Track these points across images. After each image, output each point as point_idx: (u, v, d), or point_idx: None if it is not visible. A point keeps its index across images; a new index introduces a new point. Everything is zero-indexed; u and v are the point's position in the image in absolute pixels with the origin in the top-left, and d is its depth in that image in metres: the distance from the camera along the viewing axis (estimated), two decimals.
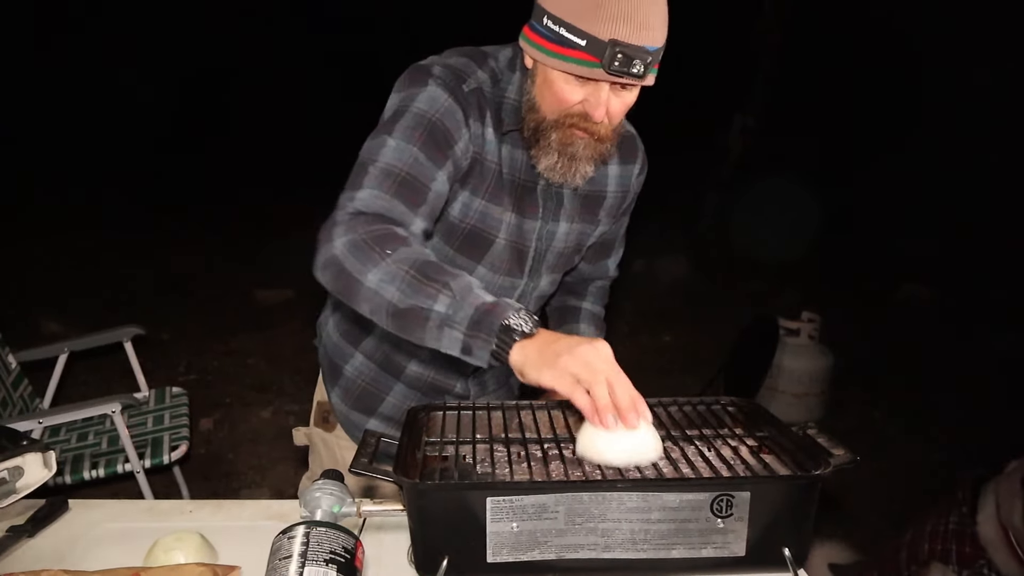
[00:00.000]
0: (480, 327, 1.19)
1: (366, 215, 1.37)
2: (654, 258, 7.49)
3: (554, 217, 1.68)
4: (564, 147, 1.49)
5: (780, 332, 4.68)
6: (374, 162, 1.43)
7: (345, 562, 1.10)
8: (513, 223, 1.64)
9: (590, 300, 2.04)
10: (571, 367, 1.14)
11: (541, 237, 1.69)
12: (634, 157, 1.79)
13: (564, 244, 1.73)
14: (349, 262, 1.29)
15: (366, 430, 1.38)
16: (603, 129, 1.47)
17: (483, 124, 1.54)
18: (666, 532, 1.18)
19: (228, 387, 4.89)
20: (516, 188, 1.62)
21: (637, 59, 1.34)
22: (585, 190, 1.70)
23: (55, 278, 6.59)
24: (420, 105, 1.47)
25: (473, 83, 1.53)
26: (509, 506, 1.14)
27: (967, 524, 2.19)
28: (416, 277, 1.24)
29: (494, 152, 1.57)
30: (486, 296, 1.23)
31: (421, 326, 1.24)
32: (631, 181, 1.80)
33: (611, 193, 1.77)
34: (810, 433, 1.33)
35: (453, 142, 1.48)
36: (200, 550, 1.33)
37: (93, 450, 3.05)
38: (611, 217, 1.82)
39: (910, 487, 4.06)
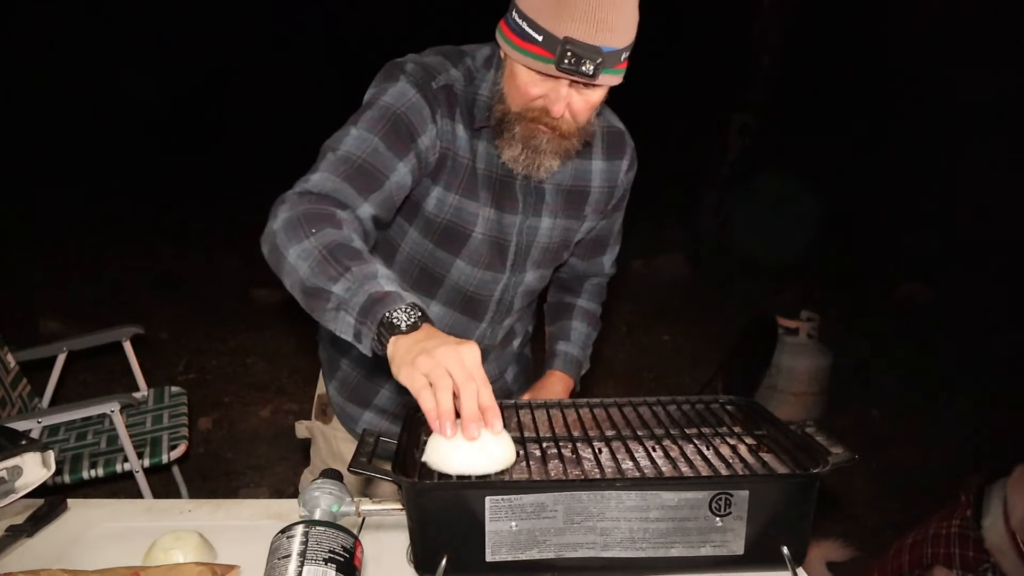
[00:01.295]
0: (368, 315, 1.19)
1: (311, 195, 1.39)
2: (653, 257, 7.49)
3: (535, 212, 1.69)
4: (527, 140, 1.51)
5: (779, 331, 4.68)
6: (334, 150, 1.46)
7: (344, 561, 1.10)
8: (491, 217, 1.65)
9: (585, 297, 2.05)
10: (424, 367, 1.11)
11: (522, 232, 1.70)
12: (622, 153, 1.79)
13: (548, 239, 1.74)
14: (280, 237, 1.32)
15: (364, 429, 1.38)
16: (565, 125, 1.49)
17: (453, 120, 1.57)
18: (665, 531, 1.18)
19: (227, 386, 4.88)
20: (493, 183, 1.63)
21: (587, 59, 1.35)
22: (568, 185, 1.72)
23: (54, 277, 6.58)
24: (387, 99, 1.51)
25: (443, 80, 1.55)
26: (508, 505, 1.14)
27: (971, 528, 2.18)
28: (326, 257, 1.25)
29: (465, 148, 1.59)
30: (385, 286, 1.21)
31: (322, 307, 1.25)
32: (619, 177, 1.80)
33: (596, 188, 1.77)
34: (808, 432, 1.33)
35: (417, 136, 1.51)
36: (199, 549, 1.33)
37: (92, 449, 3.05)
38: (598, 213, 1.82)
39: (908, 486, 4.07)
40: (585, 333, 2.00)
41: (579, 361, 1.96)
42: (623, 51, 1.39)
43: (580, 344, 1.98)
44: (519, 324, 1.93)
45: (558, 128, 1.49)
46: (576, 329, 1.98)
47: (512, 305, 1.81)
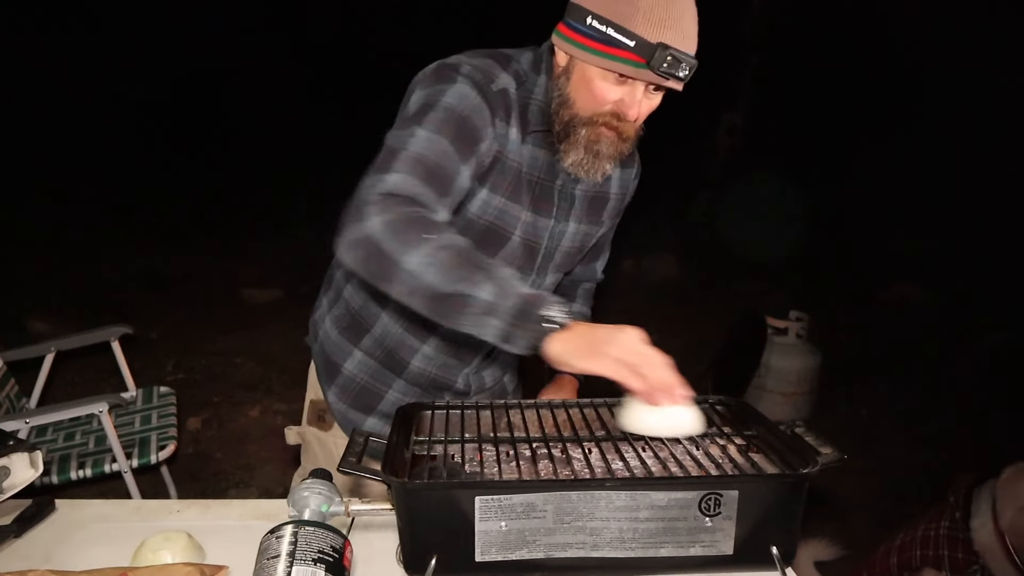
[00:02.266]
0: (524, 317, 1.21)
1: (398, 197, 1.35)
2: (642, 257, 7.50)
3: (565, 217, 1.73)
4: (591, 144, 1.54)
5: (768, 331, 4.69)
6: (404, 149, 1.41)
7: (333, 561, 1.10)
8: (528, 221, 1.67)
9: (579, 303, 2.07)
10: (616, 353, 1.19)
11: (553, 236, 1.73)
12: (631, 161, 1.83)
13: (572, 243, 1.78)
14: (387, 243, 1.27)
15: (354, 429, 1.38)
16: (630, 129, 1.54)
17: (508, 124, 1.57)
18: (654, 531, 1.18)
19: (216, 387, 4.87)
20: (534, 187, 1.65)
21: (684, 62, 1.42)
22: (593, 191, 1.75)
23: (42, 277, 6.56)
24: (449, 100, 1.48)
25: (500, 84, 1.55)
26: (497, 505, 1.14)
27: (960, 529, 2.18)
28: (460, 263, 1.25)
29: (516, 151, 1.60)
30: (525, 287, 1.25)
31: (460, 311, 1.24)
32: (629, 184, 1.85)
33: (614, 195, 1.82)
34: (798, 432, 1.33)
35: (480, 139, 1.50)
36: (188, 550, 1.33)
37: (80, 450, 3.04)
38: (612, 218, 1.87)
39: (897, 485, 4.08)
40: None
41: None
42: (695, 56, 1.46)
43: None
44: None
45: (623, 132, 1.54)
46: None
47: None
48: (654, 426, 1.29)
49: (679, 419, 1.28)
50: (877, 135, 9.38)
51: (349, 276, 1.82)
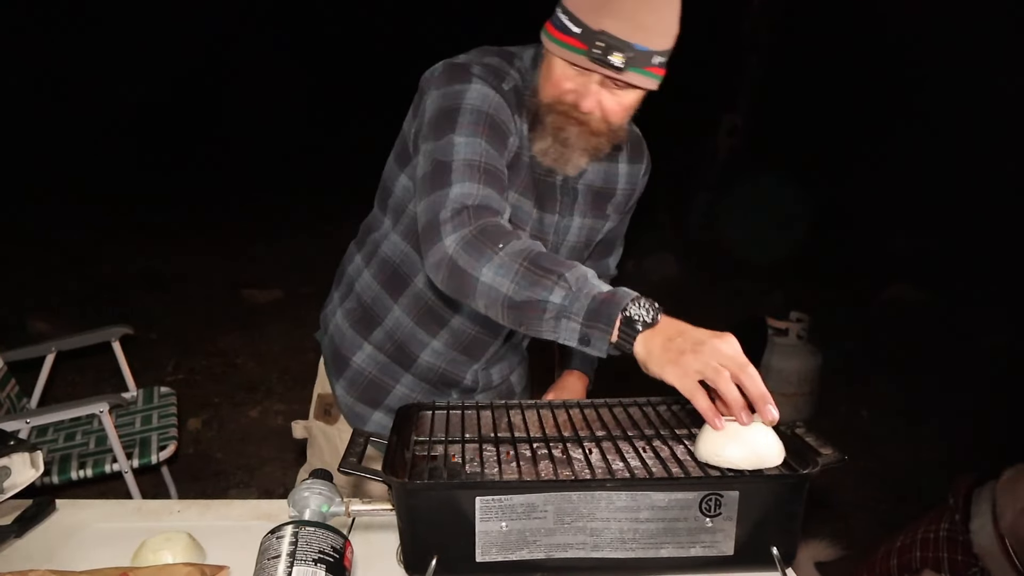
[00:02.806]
0: (598, 317, 1.19)
1: (469, 208, 1.37)
2: (643, 258, 7.50)
3: (569, 212, 1.74)
4: (556, 132, 1.53)
5: (768, 332, 4.69)
6: (451, 160, 1.43)
7: (334, 562, 1.10)
8: (535, 216, 1.68)
9: None
10: (695, 365, 1.11)
11: (558, 231, 1.75)
12: (641, 157, 1.84)
13: (576, 239, 1.79)
14: (463, 259, 1.30)
15: (355, 430, 1.38)
16: (595, 122, 1.52)
17: (521, 121, 1.60)
18: (655, 531, 1.18)
19: (216, 387, 4.87)
20: (538, 182, 1.66)
21: (616, 52, 1.39)
22: (598, 186, 1.76)
23: (43, 277, 6.56)
24: (472, 101, 1.50)
25: (511, 82, 1.58)
26: (498, 505, 1.14)
27: (959, 531, 2.18)
28: (530, 269, 1.25)
29: (527, 147, 1.61)
30: (602, 286, 1.23)
31: (538, 317, 1.24)
32: (638, 180, 1.85)
33: (620, 191, 1.82)
34: (798, 432, 1.33)
35: (508, 135, 1.54)
36: (188, 550, 1.33)
37: (81, 450, 3.04)
38: (618, 214, 1.87)
39: (897, 486, 4.08)
40: None
41: (593, 360, 2.01)
42: (656, 54, 1.43)
43: None
44: None
45: (588, 124, 1.52)
46: None
47: None
48: (733, 457, 1.20)
49: (762, 450, 1.20)
50: (877, 135, 9.38)
51: (361, 269, 1.84)
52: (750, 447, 1.21)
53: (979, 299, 6.39)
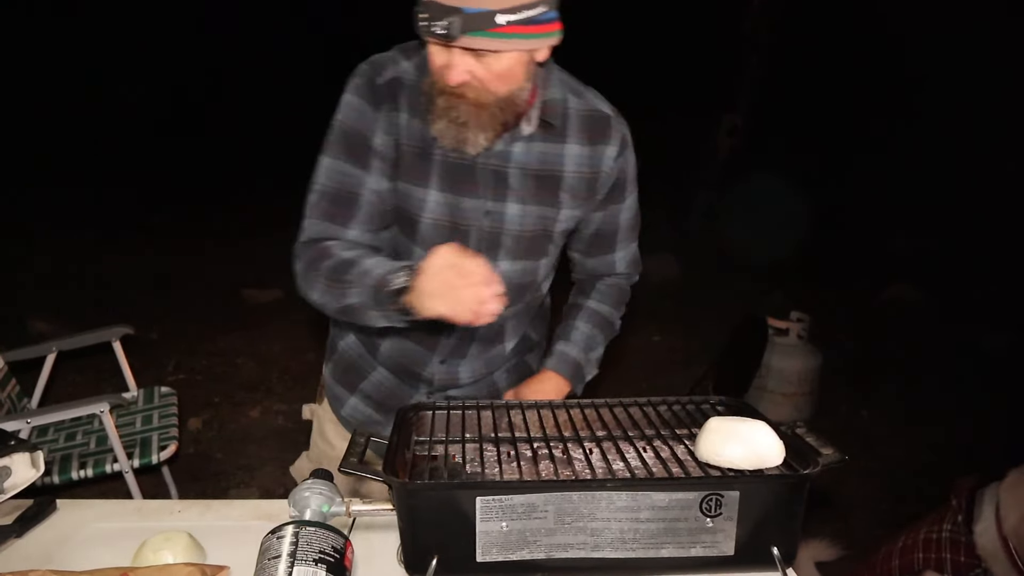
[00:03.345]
0: (380, 298, 1.43)
1: (306, 243, 1.64)
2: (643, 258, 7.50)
3: (498, 197, 1.66)
4: (447, 111, 1.50)
5: (769, 332, 4.69)
6: (313, 187, 1.65)
7: (334, 562, 1.10)
8: (441, 202, 1.64)
9: (596, 298, 1.97)
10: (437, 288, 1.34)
11: (491, 217, 1.67)
12: (604, 137, 1.71)
13: (520, 227, 1.70)
14: (303, 287, 1.61)
15: (355, 430, 1.39)
16: (474, 94, 1.47)
17: (398, 111, 1.60)
18: (655, 531, 1.18)
19: (217, 387, 4.87)
20: (447, 167, 1.63)
21: (441, 18, 1.34)
22: (535, 168, 1.66)
23: (43, 277, 6.56)
24: (339, 116, 1.63)
25: (390, 74, 1.61)
26: (498, 505, 1.15)
27: (962, 533, 2.18)
28: (332, 284, 1.52)
29: (415, 135, 1.61)
30: (375, 271, 1.46)
31: (360, 316, 1.52)
32: (602, 163, 1.72)
33: (571, 174, 1.70)
34: (799, 432, 1.33)
35: (370, 140, 1.61)
36: (189, 550, 1.33)
37: (81, 450, 3.04)
38: (581, 200, 1.74)
39: (898, 486, 4.08)
40: (587, 334, 1.91)
41: (576, 362, 1.87)
42: (499, 12, 1.35)
43: (580, 345, 1.89)
44: (513, 324, 1.88)
45: (470, 98, 1.47)
46: (578, 329, 1.91)
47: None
48: (733, 457, 1.24)
49: (763, 450, 1.24)
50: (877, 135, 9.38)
51: None
52: (750, 447, 1.22)
53: (979, 299, 6.39)
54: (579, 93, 1.68)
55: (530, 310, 1.90)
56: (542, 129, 1.63)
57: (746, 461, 1.22)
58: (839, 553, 2.92)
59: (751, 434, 1.24)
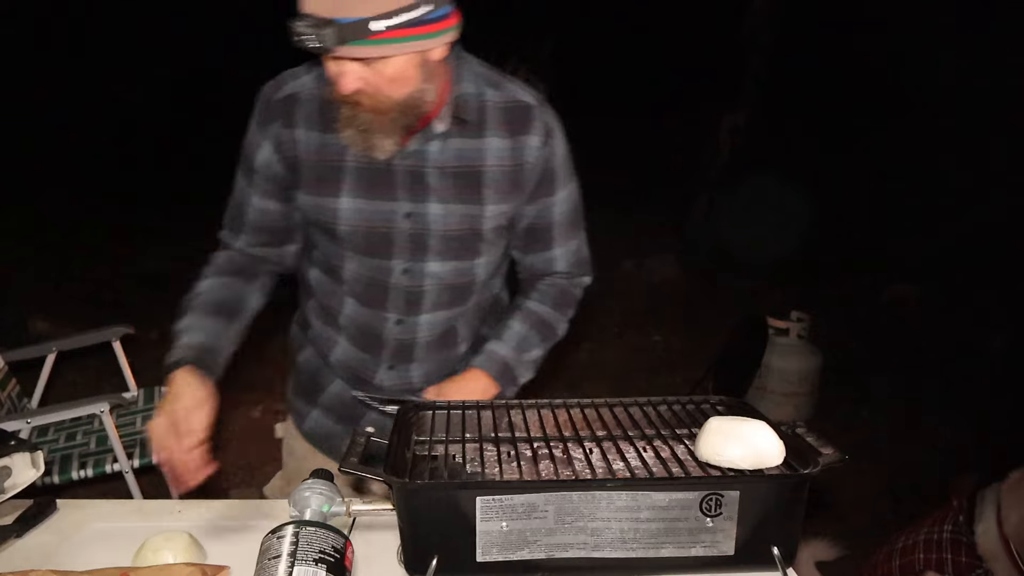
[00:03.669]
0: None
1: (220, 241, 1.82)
2: (643, 257, 7.50)
3: (418, 198, 1.63)
4: (351, 120, 1.49)
5: (769, 331, 4.69)
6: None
7: (335, 562, 1.10)
8: (354, 208, 1.63)
9: (535, 298, 1.86)
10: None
11: (413, 219, 1.64)
12: (526, 128, 1.64)
13: (445, 227, 1.65)
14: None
15: (354, 429, 1.38)
16: (371, 101, 1.45)
17: (292, 127, 1.62)
18: (655, 531, 1.18)
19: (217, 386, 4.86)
20: (361, 173, 1.62)
21: (315, 31, 1.32)
22: (454, 167, 1.62)
23: (43, 277, 6.56)
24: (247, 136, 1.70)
25: (288, 90, 1.64)
26: (499, 505, 1.15)
27: (964, 533, 2.17)
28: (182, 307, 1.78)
29: (314, 147, 1.62)
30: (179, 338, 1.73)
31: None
32: (525, 154, 1.65)
33: (493, 168, 1.64)
34: (799, 432, 1.33)
35: (253, 161, 1.68)
36: (189, 550, 1.33)
37: (81, 450, 3.04)
38: (506, 194, 1.67)
39: (898, 486, 4.08)
40: (521, 334, 1.80)
41: (505, 362, 1.77)
42: (371, 20, 1.32)
43: (512, 345, 1.79)
44: (464, 325, 1.84)
45: (367, 105, 1.46)
46: (511, 328, 1.81)
47: (422, 297, 1.73)
48: (733, 457, 1.24)
49: (763, 450, 1.24)
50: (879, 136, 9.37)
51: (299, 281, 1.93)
52: (751, 447, 1.22)
53: (979, 299, 6.38)
54: (497, 85, 1.64)
55: (481, 310, 1.86)
56: (457, 125, 1.59)
57: (746, 461, 1.22)
58: (839, 553, 2.92)
59: (751, 434, 1.24)
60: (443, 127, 1.58)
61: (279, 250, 1.80)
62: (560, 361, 5.55)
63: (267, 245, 1.77)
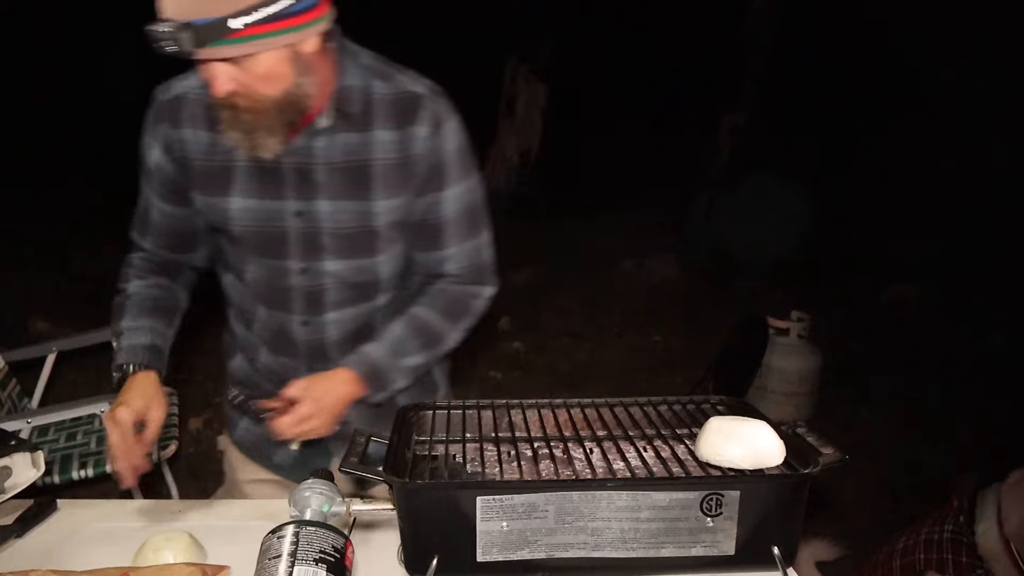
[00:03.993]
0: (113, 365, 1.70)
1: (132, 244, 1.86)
2: (643, 258, 7.50)
3: (307, 196, 1.59)
4: (232, 122, 1.45)
5: (770, 331, 4.69)
6: None
7: (335, 561, 1.10)
8: (245, 208, 1.61)
9: (423, 303, 1.73)
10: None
11: (304, 217, 1.61)
12: (414, 119, 1.58)
13: (336, 224, 1.61)
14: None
15: (355, 429, 1.38)
16: (244, 101, 1.42)
17: (180, 128, 1.61)
18: (656, 531, 1.18)
19: (217, 386, 4.85)
20: (251, 173, 1.59)
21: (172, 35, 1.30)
22: (341, 162, 1.57)
23: (44, 277, 6.55)
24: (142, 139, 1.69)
25: (176, 91, 1.64)
26: (499, 505, 1.15)
27: (964, 533, 2.17)
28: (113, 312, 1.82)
29: (203, 148, 1.61)
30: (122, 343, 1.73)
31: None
32: (412, 146, 1.58)
33: (380, 162, 1.59)
34: (799, 432, 1.33)
35: (147, 163, 1.68)
36: (189, 550, 1.33)
37: (82, 450, 3.04)
38: (395, 188, 1.61)
39: (898, 486, 4.08)
40: (399, 338, 1.68)
41: (375, 364, 1.65)
42: (229, 18, 1.30)
43: (387, 348, 1.67)
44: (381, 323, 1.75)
45: (244, 106, 1.43)
46: (391, 331, 1.69)
47: (323, 296, 1.69)
48: (733, 457, 1.24)
49: (763, 450, 1.24)
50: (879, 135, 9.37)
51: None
52: (751, 446, 1.22)
53: (980, 299, 6.38)
54: (387, 76, 1.59)
55: (401, 305, 1.76)
56: (343, 120, 1.55)
57: (746, 461, 1.22)
58: (839, 553, 2.92)
59: (751, 434, 1.24)
60: (327, 122, 1.54)
61: (187, 255, 1.81)
62: (560, 361, 5.55)
63: (173, 249, 1.79)
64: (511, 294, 6.71)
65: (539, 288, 6.82)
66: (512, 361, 5.53)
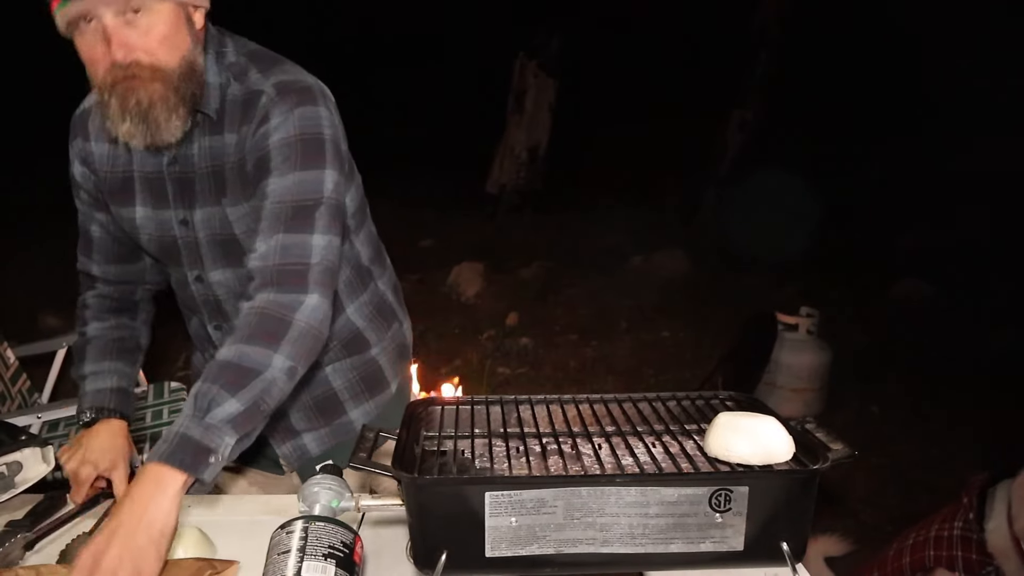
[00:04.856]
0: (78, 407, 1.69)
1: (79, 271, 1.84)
2: (652, 253, 7.49)
3: (187, 204, 1.56)
4: (125, 104, 1.38)
5: (779, 327, 4.68)
6: None
7: (344, 556, 1.10)
8: (146, 216, 1.61)
9: (227, 342, 1.39)
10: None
11: (189, 226, 1.58)
12: (251, 117, 1.50)
13: (208, 232, 1.57)
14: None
15: (364, 425, 1.38)
16: (146, 72, 1.36)
17: (86, 140, 1.62)
18: (664, 526, 1.18)
19: None
20: (145, 182, 1.59)
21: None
22: (207, 168, 1.53)
23: (54, 273, 6.55)
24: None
25: (86, 103, 1.65)
26: (508, 500, 1.14)
27: (974, 530, 2.17)
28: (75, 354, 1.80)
29: (104, 159, 1.61)
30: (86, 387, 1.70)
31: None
32: (246, 145, 1.50)
33: (229, 167, 1.53)
34: (808, 428, 1.33)
35: (74, 178, 1.68)
36: (198, 545, 1.33)
37: None
38: (240, 193, 1.53)
39: (907, 482, 4.07)
40: (201, 394, 1.30)
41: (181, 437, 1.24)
42: None
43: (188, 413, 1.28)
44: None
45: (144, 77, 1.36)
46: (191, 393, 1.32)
47: (221, 305, 1.67)
48: (742, 452, 1.23)
49: (772, 445, 1.23)
50: (888, 131, 9.34)
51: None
52: (760, 442, 1.21)
53: (990, 295, 6.36)
54: (242, 76, 1.52)
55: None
56: (208, 124, 1.52)
57: (755, 456, 1.22)
58: (849, 548, 2.91)
59: (760, 429, 1.24)
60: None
61: (136, 270, 1.78)
62: (569, 357, 5.55)
63: (118, 262, 1.76)
64: (519, 290, 6.72)
65: (547, 284, 6.82)
66: (520, 357, 5.52)
